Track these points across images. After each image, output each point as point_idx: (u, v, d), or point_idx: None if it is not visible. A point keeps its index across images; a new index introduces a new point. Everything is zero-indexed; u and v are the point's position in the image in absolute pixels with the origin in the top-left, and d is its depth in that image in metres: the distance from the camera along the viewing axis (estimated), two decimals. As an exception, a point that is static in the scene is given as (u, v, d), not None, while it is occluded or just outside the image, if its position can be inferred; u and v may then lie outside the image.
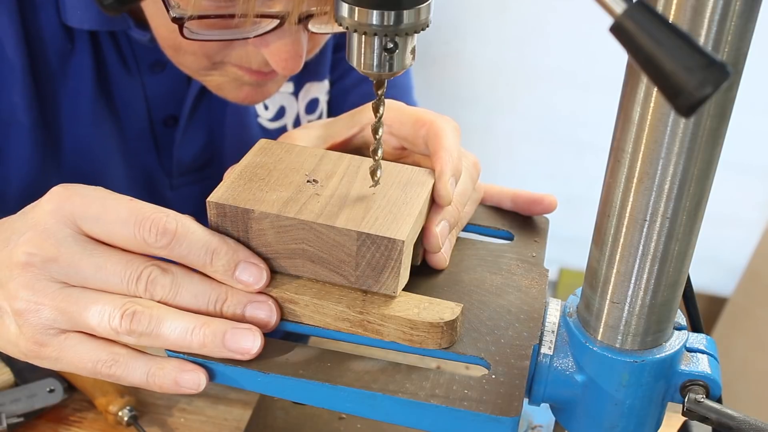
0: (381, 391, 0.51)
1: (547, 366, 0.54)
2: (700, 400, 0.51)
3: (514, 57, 2.02)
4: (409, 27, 0.47)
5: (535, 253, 0.64)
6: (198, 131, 0.90)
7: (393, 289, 0.53)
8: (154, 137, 0.88)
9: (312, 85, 0.95)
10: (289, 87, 0.94)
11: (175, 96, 0.86)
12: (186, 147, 0.90)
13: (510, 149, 2.16)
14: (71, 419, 0.75)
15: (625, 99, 0.45)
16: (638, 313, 0.50)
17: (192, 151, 0.90)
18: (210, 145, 0.91)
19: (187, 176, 0.92)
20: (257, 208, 0.53)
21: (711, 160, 0.45)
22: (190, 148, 0.90)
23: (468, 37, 2.02)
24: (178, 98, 0.87)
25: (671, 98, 0.32)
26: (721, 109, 0.43)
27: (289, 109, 0.94)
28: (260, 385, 0.52)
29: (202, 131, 0.90)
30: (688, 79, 0.31)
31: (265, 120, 0.93)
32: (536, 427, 0.72)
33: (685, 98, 0.32)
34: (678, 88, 0.32)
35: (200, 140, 0.90)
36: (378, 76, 0.50)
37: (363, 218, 0.52)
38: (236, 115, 0.90)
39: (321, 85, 0.96)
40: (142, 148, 0.88)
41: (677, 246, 0.48)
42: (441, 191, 0.57)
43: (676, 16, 0.40)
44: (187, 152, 0.90)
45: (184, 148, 0.89)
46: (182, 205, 0.91)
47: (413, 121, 0.62)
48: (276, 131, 0.95)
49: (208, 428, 0.75)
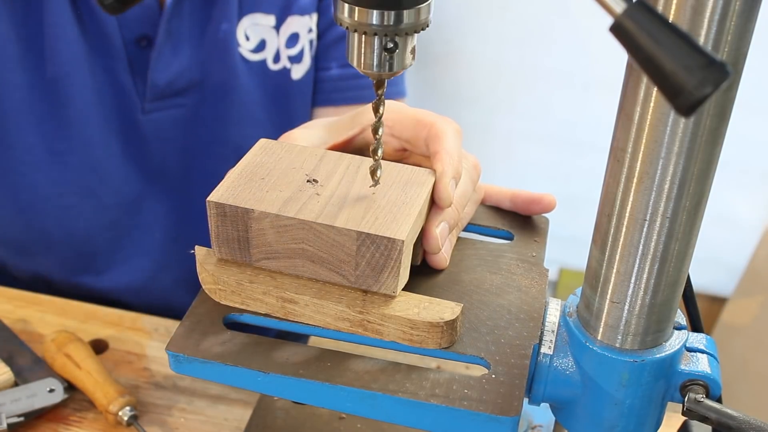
0: (381, 391, 0.51)
1: (547, 366, 0.54)
2: (700, 399, 0.51)
3: (514, 57, 2.02)
4: (409, 27, 0.47)
5: (535, 253, 0.64)
6: (174, 55, 0.90)
7: (393, 288, 0.53)
8: (128, 58, 0.88)
9: (294, 18, 0.95)
10: (271, 20, 0.94)
11: (147, 15, 0.87)
12: (161, 70, 0.89)
13: (509, 149, 2.16)
14: (71, 419, 0.75)
15: (625, 99, 0.45)
16: (638, 312, 0.50)
17: (167, 74, 0.90)
18: (187, 70, 0.91)
19: (162, 101, 0.91)
20: (257, 207, 0.53)
21: (711, 160, 0.45)
22: (165, 72, 0.90)
23: (468, 36, 2.01)
24: (151, 18, 0.87)
25: (671, 98, 0.32)
26: (721, 108, 0.43)
27: (269, 42, 0.95)
28: (260, 385, 0.52)
29: (179, 56, 0.90)
30: (687, 79, 0.31)
31: (246, 51, 0.94)
32: (536, 426, 0.72)
33: (684, 98, 0.32)
34: (678, 88, 0.32)
35: (177, 64, 0.90)
36: (378, 76, 0.50)
37: (363, 218, 0.52)
38: (215, 41, 0.91)
39: (302, 19, 0.96)
40: (116, 68, 0.88)
41: (677, 246, 0.48)
42: (441, 193, 0.57)
43: (675, 15, 0.40)
44: (162, 75, 0.90)
45: (158, 71, 0.89)
46: (153, 129, 0.92)
47: (414, 123, 0.62)
48: (256, 64, 0.95)
49: (208, 428, 0.75)
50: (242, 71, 0.93)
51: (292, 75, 0.97)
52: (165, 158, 0.95)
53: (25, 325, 0.85)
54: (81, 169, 0.91)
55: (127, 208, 0.95)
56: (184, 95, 0.92)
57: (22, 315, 0.87)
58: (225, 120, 0.94)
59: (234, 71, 0.92)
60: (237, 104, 0.94)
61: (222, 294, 0.56)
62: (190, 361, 0.53)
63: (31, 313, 0.87)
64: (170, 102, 0.92)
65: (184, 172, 0.96)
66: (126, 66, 0.88)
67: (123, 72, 0.89)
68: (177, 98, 0.92)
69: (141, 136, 0.92)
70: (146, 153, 0.94)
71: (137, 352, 0.83)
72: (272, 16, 0.94)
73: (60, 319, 0.87)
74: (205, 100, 0.93)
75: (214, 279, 0.55)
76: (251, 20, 0.93)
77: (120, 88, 0.89)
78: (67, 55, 0.86)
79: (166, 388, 0.79)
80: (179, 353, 0.53)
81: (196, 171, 0.96)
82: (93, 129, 0.90)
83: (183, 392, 0.79)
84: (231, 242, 0.55)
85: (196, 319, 0.55)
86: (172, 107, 0.92)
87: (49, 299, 0.89)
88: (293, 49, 0.97)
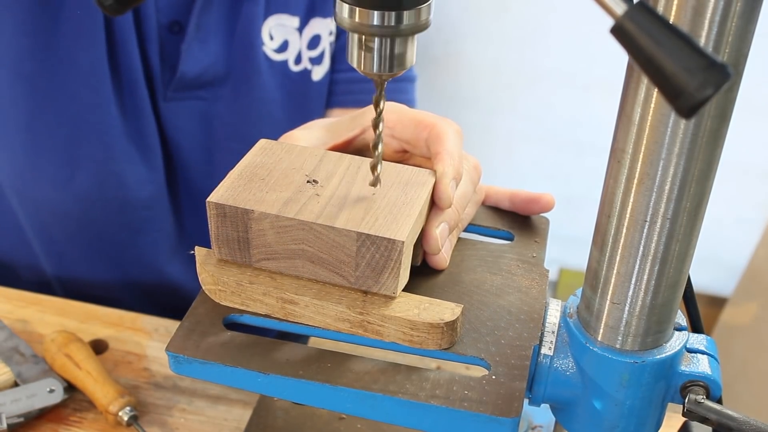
0: (381, 392, 0.51)
1: (547, 366, 0.54)
2: (700, 400, 0.51)
3: (514, 57, 2.02)
4: (409, 28, 0.47)
5: (535, 254, 0.64)
6: (202, 49, 0.90)
7: (393, 289, 0.53)
8: (160, 42, 0.88)
9: (316, 20, 0.96)
10: (295, 22, 0.94)
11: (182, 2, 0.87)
12: (191, 62, 0.89)
13: (510, 149, 2.16)
14: (71, 419, 0.75)
15: (625, 100, 0.45)
16: (638, 313, 0.50)
17: (197, 67, 0.90)
18: (214, 65, 0.91)
19: (185, 91, 0.91)
20: (257, 208, 0.53)
21: (711, 161, 0.45)
22: (195, 64, 0.89)
23: (468, 37, 2.02)
24: (185, 6, 0.87)
25: (672, 100, 0.32)
26: (722, 110, 0.43)
27: (292, 43, 0.95)
28: (260, 385, 0.52)
29: (207, 50, 0.90)
30: (688, 81, 0.31)
31: (270, 50, 0.94)
32: (536, 427, 0.72)
33: (685, 100, 0.32)
34: (679, 90, 0.32)
35: (205, 58, 0.90)
36: (378, 77, 0.50)
37: (363, 219, 0.52)
38: (242, 38, 0.91)
39: (325, 21, 0.96)
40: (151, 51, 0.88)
41: (677, 247, 0.48)
42: (442, 193, 0.57)
43: (676, 16, 0.40)
44: (192, 68, 0.89)
45: (188, 63, 0.89)
46: (173, 117, 0.91)
47: (415, 124, 0.62)
48: (279, 64, 0.95)
49: (208, 428, 0.75)
50: (265, 70, 0.93)
51: (313, 76, 0.98)
52: (182, 152, 0.94)
53: (25, 325, 0.85)
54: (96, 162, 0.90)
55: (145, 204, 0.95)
56: (206, 88, 0.92)
57: (22, 315, 0.87)
58: (244, 117, 0.94)
59: (257, 69, 0.92)
60: (257, 102, 0.94)
61: (222, 294, 0.56)
62: (190, 361, 0.53)
63: (31, 313, 0.87)
64: (192, 93, 0.92)
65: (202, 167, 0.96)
66: (157, 51, 0.88)
67: (154, 56, 0.88)
68: (199, 90, 0.92)
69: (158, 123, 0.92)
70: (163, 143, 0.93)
71: (137, 353, 0.83)
72: (297, 18, 0.94)
73: (60, 319, 0.87)
74: (226, 95, 0.93)
75: (214, 279, 0.55)
76: (276, 20, 0.93)
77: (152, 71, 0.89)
78: (125, 30, 0.85)
79: (166, 389, 0.79)
80: (179, 354, 0.53)
81: (213, 167, 0.96)
82: (140, 101, 0.89)
83: (183, 392, 0.78)
84: (231, 243, 0.55)
85: (196, 319, 0.55)
86: (193, 98, 0.92)
87: (49, 299, 0.89)
88: (314, 51, 0.97)
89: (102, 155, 0.90)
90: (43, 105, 0.87)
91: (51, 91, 0.86)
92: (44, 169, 0.90)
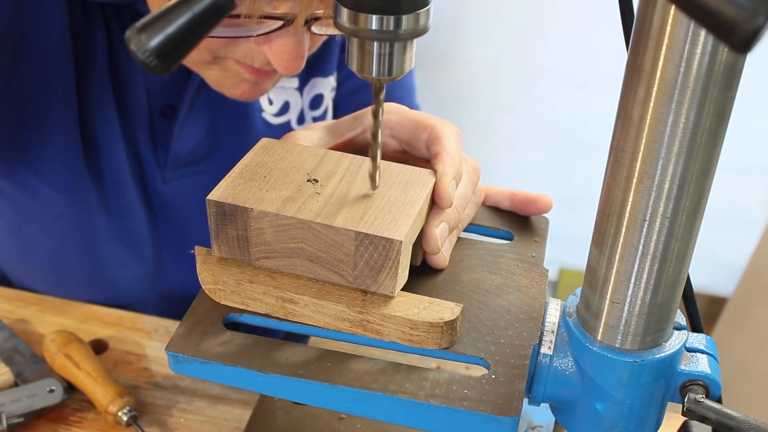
0: (381, 391, 0.51)
1: (546, 366, 0.54)
2: (699, 400, 0.51)
3: (514, 57, 2.02)
4: (408, 32, 0.47)
5: (534, 253, 0.64)
6: (197, 124, 0.88)
7: (391, 289, 0.53)
8: (150, 128, 0.87)
9: (317, 80, 0.95)
10: (294, 82, 0.93)
11: (175, 84, 0.85)
12: (184, 140, 0.88)
13: (510, 149, 2.16)
14: (71, 419, 0.75)
15: (624, 99, 0.45)
16: (638, 313, 0.50)
17: (189, 144, 0.89)
18: (208, 139, 0.90)
19: (181, 170, 0.90)
20: (256, 206, 0.53)
21: (711, 160, 0.45)
22: (187, 141, 0.88)
23: (468, 37, 2.02)
24: (178, 87, 0.86)
25: (724, 37, 0.30)
26: (721, 108, 0.43)
27: (293, 104, 0.94)
28: (260, 385, 0.52)
29: (202, 124, 0.89)
30: (737, 13, 0.30)
31: (269, 115, 0.93)
32: (536, 427, 0.72)
33: (739, 33, 0.30)
34: (729, 25, 0.30)
35: (198, 133, 0.89)
36: (377, 81, 0.50)
37: (362, 218, 0.52)
38: (239, 109, 0.89)
39: (326, 80, 0.96)
40: (140, 138, 0.87)
41: (677, 246, 0.48)
42: (442, 193, 0.57)
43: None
44: (185, 145, 0.88)
45: (181, 141, 0.88)
46: (174, 198, 0.90)
47: (414, 125, 0.62)
48: (280, 126, 0.94)
49: (208, 428, 0.75)
50: (264, 134, 0.92)
51: None
52: (185, 226, 0.93)
53: (25, 325, 0.85)
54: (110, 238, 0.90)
55: (150, 276, 0.94)
56: (203, 162, 0.91)
57: (22, 315, 0.87)
58: None
59: (256, 136, 0.90)
60: None
61: (222, 294, 0.56)
62: (190, 361, 0.53)
63: (31, 313, 0.87)
64: (190, 170, 0.90)
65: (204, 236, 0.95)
66: (147, 136, 0.87)
67: (144, 142, 0.87)
68: (197, 165, 0.90)
69: (162, 204, 0.91)
70: (167, 221, 0.92)
71: (137, 352, 0.83)
72: (295, 79, 0.93)
73: (60, 319, 0.87)
74: (226, 166, 0.92)
75: (214, 279, 0.55)
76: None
77: (141, 158, 0.88)
78: (105, 128, 0.84)
79: (165, 388, 0.79)
80: (179, 353, 0.53)
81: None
82: (126, 199, 0.88)
83: (183, 392, 0.79)
84: (230, 241, 0.55)
85: (196, 319, 0.55)
86: (193, 174, 0.91)
87: (49, 299, 0.89)
88: (317, 111, 0.96)
89: (90, 263, 0.89)
90: (28, 219, 0.87)
91: (35, 208, 0.86)
92: (35, 271, 0.91)
